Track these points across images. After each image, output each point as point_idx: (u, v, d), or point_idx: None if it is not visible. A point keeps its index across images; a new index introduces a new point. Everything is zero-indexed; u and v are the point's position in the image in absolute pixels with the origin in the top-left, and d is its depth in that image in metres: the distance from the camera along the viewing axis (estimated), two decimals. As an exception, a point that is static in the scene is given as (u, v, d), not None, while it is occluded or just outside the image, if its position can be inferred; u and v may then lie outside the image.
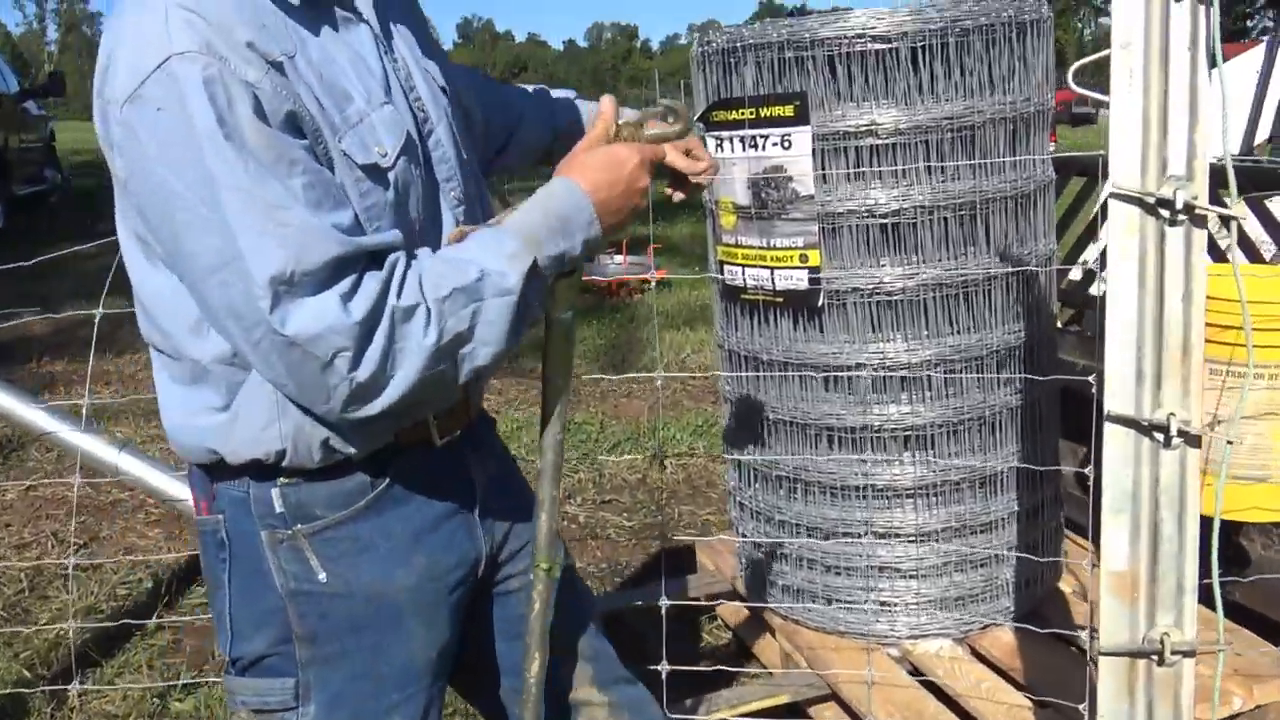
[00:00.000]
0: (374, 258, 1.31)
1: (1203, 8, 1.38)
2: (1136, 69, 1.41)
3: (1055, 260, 3.16)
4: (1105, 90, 1.46)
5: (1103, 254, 3.12)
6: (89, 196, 14.55)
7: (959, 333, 2.83)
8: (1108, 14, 1.38)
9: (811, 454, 2.93)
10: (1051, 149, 3.05)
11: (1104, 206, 2.96)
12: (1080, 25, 68.22)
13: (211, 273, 1.27)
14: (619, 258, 8.48)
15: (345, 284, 1.26)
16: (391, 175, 1.40)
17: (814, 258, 2.82)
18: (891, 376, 2.82)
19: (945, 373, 2.83)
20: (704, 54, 2.94)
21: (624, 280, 8.31)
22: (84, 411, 3.09)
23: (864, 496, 2.87)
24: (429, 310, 1.30)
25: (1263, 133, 3.95)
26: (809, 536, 2.97)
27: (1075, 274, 4.05)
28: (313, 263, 1.25)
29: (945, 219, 2.76)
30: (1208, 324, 1.51)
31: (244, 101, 1.25)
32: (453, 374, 1.35)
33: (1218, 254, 2.90)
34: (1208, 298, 1.48)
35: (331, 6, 1.42)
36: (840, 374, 2.82)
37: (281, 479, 1.47)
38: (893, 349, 2.80)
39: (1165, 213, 1.43)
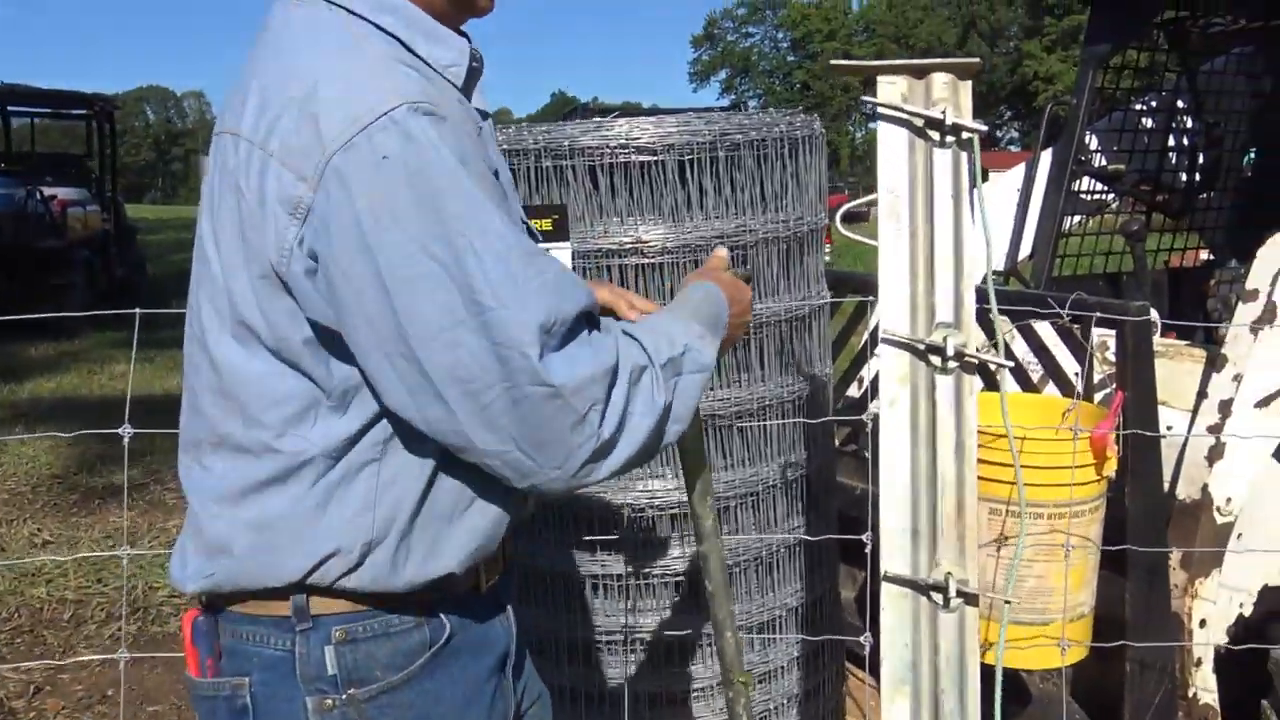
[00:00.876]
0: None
1: (964, 154, 1.46)
2: (903, 215, 1.47)
3: (831, 383, 3.24)
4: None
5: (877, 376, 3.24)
6: None
7: (733, 467, 2.83)
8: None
9: (566, 612, 2.86)
10: (826, 250, 3.16)
11: (875, 332, 3.08)
12: (852, 130, 73.01)
13: (437, 334, 1.24)
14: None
15: (588, 336, 1.30)
16: None
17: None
18: (660, 516, 2.80)
19: (719, 509, 2.84)
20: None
21: None
22: None
23: (630, 650, 2.82)
24: (656, 374, 1.34)
25: (1024, 250, 4.24)
26: (570, 701, 2.89)
27: (853, 390, 4.20)
28: (569, 312, 1.27)
29: (731, 427, 2.79)
30: (983, 460, 1.56)
31: (476, 155, 1.29)
32: (655, 450, 1.37)
33: (988, 376, 3.06)
34: (979, 431, 1.54)
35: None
36: (604, 516, 2.79)
37: (337, 633, 1.38)
38: (661, 486, 2.79)
39: (935, 359, 1.48)
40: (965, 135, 1.42)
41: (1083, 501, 2.41)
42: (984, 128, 1.41)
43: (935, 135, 1.43)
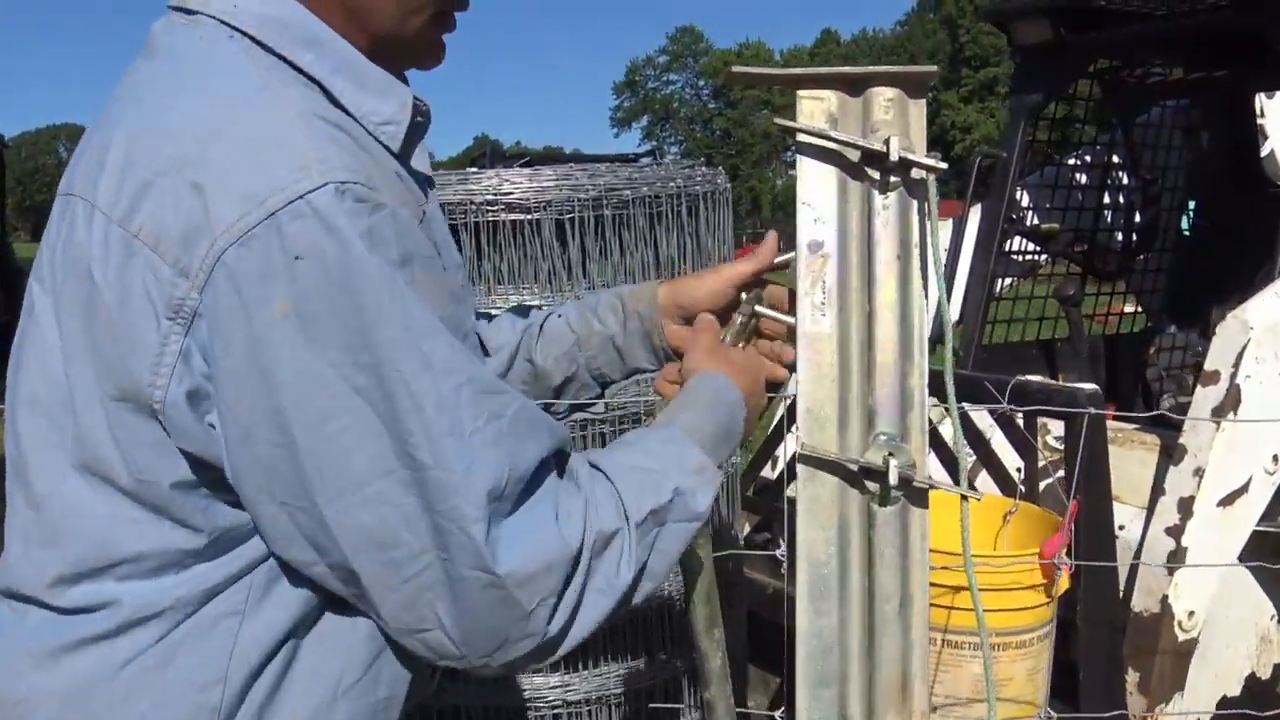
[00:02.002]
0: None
1: (915, 201, 1.04)
2: (830, 283, 1.04)
3: (739, 467, 2.84)
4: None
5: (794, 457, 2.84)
6: None
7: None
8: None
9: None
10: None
11: (793, 408, 2.67)
12: (773, 175, 73.29)
13: (354, 489, 0.96)
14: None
15: (551, 499, 1.02)
16: None
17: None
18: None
19: (604, 632, 2.40)
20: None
21: None
22: None
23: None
24: (628, 538, 1.05)
25: (953, 314, 3.88)
26: None
27: (767, 471, 3.76)
28: (528, 466, 1.00)
29: (603, 434, 2.37)
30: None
31: (420, 252, 1.00)
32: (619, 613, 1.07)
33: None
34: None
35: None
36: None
37: None
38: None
39: (873, 486, 1.05)
40: (916, 174, 1.00)
41: (1029, 629, 2.00)
42: (942, 165, 1.00)
43: (875, 174, 1.01)
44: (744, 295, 1.25)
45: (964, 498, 1.05)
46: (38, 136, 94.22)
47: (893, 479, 1.01)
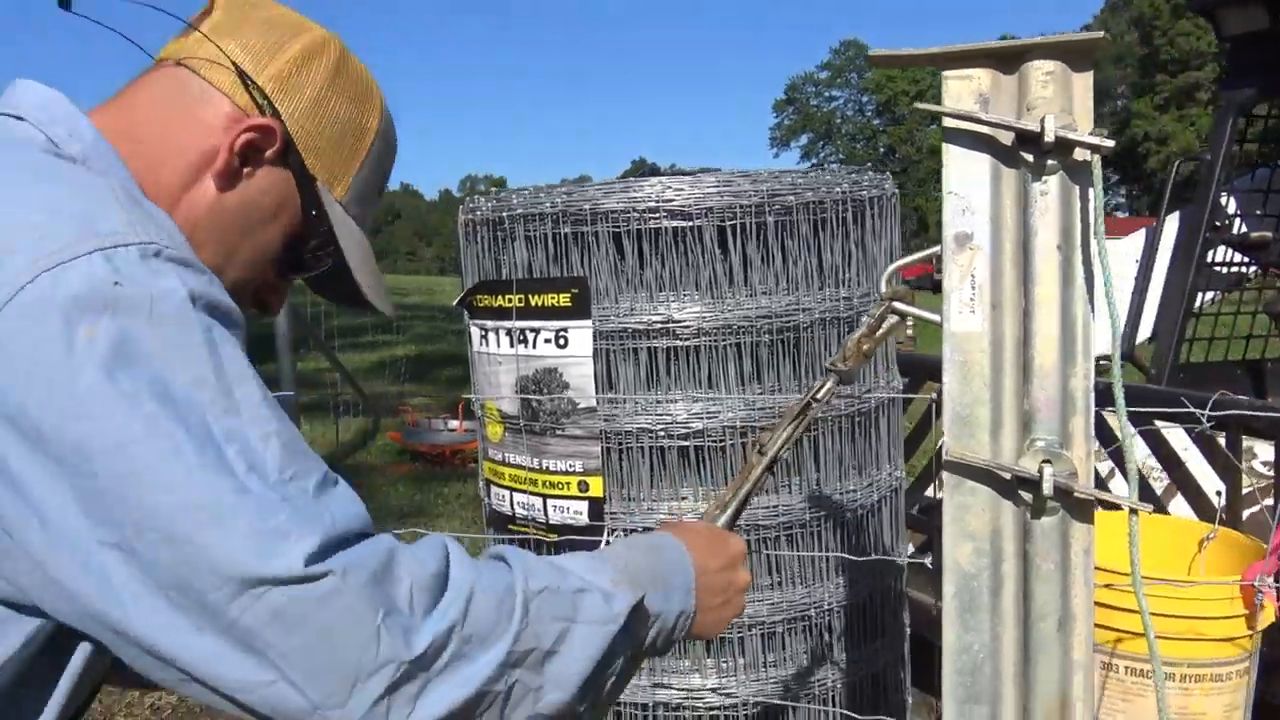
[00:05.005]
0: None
1: (1076, 188, 0.92)
2: (981, 279, 0.93)
3: (903, 487, 2.70)
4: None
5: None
6: None
7: (781, 586, 2.31)
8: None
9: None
10: (908, 334, 2.61)
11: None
12: (941, 194, 70.70)
13: (161, 530, 0.81)
14: (454, 423, 7.97)
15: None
16: None
17: (596, 486, 2.28)
18: (695, 641, 2.27)
19: (764, 635, 2.31)
20: (470, 223, 2.45)
21: (459, 448, 7.73)
22: None
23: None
24: (516, 595, 0.91)
25: (1144, 331, 3.61)
26: None
27: (931, 492, 3.58)
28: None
29: (762, 443, 2.27)
30: (1100, 604, 1.01)
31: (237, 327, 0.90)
32: None
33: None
34: (1098, 569, 0.98)
35: None
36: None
37: None
38: (694, 608, 2.25)
39: (1027, 496, 0.94)
40: (1080, 155, 0.89)
41: (1227, 662, 1.80)
42: (1108, 142, 0.88)
43: (1030, 157, 0.90)
44: (880, 291, 1.16)
45: (1133, 511, 0.92)
46: None
47: (1046, 489, 0.89)
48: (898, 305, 1.14)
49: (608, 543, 2.27)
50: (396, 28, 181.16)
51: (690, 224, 2.19)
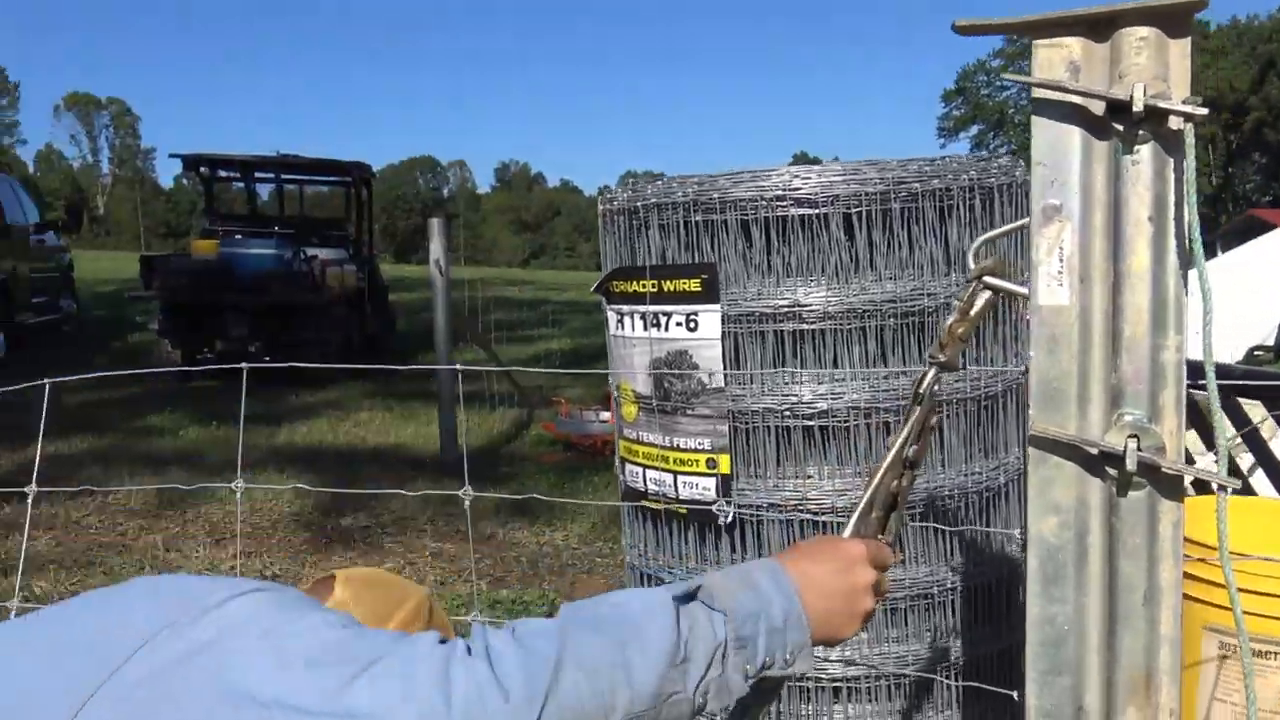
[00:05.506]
0: None
1: (1170, 159, 0.88)
2: (1069, 250, 0.90)
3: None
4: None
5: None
6: (101, 326, 14.89)
7: (904, 564, 2.27)
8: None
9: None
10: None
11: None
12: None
13: None
14: (605, 414, 8.00)
15: None
16: None
17: (724, 463, 2.28)
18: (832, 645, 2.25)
19: (887, 610, 2.27)
20: (607, 212, 2.48)
21: (609, 439, 7.76)
22: (21, 556, 2.86)
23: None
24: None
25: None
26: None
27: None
28: None
29: (887, 423, 2.23)
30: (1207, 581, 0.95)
31: None
32: None
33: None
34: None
35: None
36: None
37: None
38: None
39: (1113, 471, 0.90)
40: (1173, 124, 0.85)
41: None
42: (1202, 110, 0.83)
43: (1122, 127, 0.86)
44: (971, 266, 1.11)
45: (1221, 488, 0.87)
46: (399, 168, 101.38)
47: (1130, 464, 0.85)
48: (989, 280, 1.09)
49: (733, 522, 2.27)
50: (566, 31, 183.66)
51: (816, 211, 2.17)
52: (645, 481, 2.43)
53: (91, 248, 53.94)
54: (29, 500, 2.35)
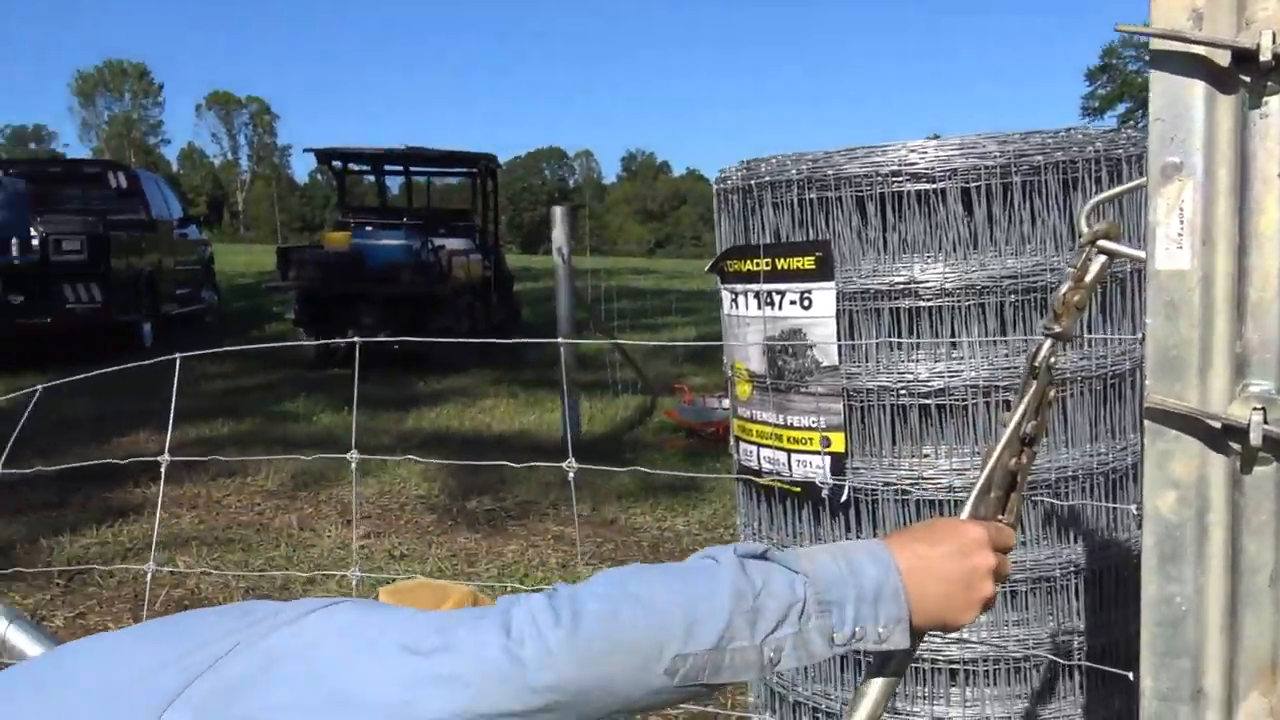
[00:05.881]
0: None
1: (1302, 110, 0.82)
2: (1189, 212, 0.85)
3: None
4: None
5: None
6: (240, 317, 15.42)
7: (1024, 545, 2.20)
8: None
9: (835, 685, 2.32)
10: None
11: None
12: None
13: None
14: (728, 401, 7.95)
15: None
16: None
17: (838, 442, 2.24)
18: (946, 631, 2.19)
19: (1006, 592, 2.20)
20: (721, 191, 2.46)
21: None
22: (153, 537, 2.87)
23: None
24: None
25: None
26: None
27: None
28: None
29: (1007, 402, 2.16)
30: None
31: None
32: None
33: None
34: None
35: None
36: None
37: None
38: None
39: (1237, 446, 0.85)
40: (1302, 77, 0.79)
41: None
42: (1334, 60, 0.77)
43: (1248, 78, 0.80)
44: (1083, 230, 1.06)
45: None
46: (526, 160, 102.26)
47: (1255, 438, 0.80)
48: (1104, 244, 1.04)
49: (847, 501, 2.23)
50: (693, 17, 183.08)
51: (934, 186, 2.11)
52: (759, 460, 2.41)
53: (231, 242, 56.14)
54: (162, 469, 2.44)
